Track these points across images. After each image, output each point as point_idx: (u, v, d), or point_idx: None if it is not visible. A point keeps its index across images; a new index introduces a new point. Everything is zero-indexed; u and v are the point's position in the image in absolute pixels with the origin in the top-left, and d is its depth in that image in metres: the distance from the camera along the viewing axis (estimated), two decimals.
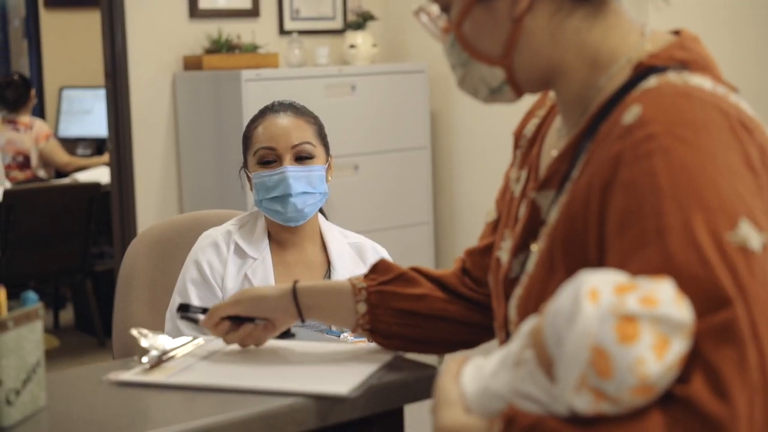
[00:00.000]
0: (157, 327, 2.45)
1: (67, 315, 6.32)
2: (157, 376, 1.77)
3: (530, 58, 1.38)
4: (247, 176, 2.51)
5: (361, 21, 5.01)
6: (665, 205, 1.17)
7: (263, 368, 1.81)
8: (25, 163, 6.36)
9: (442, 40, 1.45)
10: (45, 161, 6.42)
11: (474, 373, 1.31)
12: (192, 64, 4.73)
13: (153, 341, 1.86)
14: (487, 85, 1.42)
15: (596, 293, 1.12)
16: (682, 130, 1.21)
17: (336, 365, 1.82)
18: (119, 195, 4.74)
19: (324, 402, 1.67)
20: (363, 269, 2.45)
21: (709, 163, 1.19)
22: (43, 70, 7.25)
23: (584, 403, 1.11)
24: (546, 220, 1.39)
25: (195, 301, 2.38)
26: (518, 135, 1.60)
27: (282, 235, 2.49)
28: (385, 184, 4.83)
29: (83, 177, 6.11)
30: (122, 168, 4.72)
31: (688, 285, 1.13)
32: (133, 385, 1.76)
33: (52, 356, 5.39)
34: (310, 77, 4.64)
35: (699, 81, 1.28)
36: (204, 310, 1.95)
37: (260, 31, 4.93)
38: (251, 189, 2.50)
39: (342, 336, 2.36)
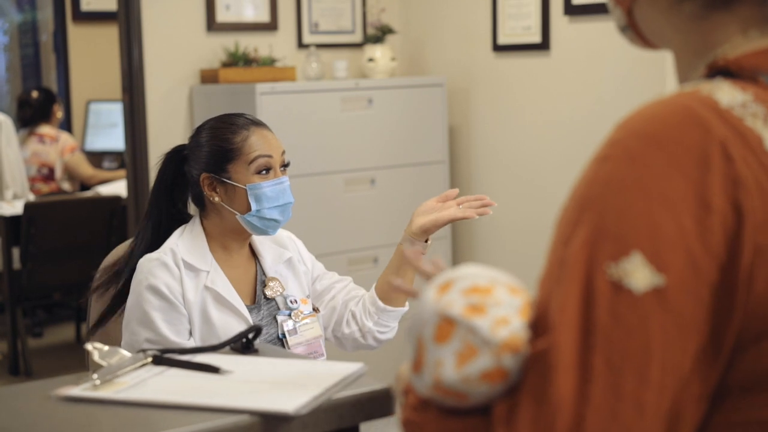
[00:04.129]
0: None
1: None
2: (105, 392, 1.73)
3: (646, 22, 1.30)
4: (214, 183, 2.46)
5: (381, 35, 4.98)
6: (571, 216, 1.11)
7: (215, 384, 1.77)
8: (49, 176, 6.39)
9: None
10: (70, 174, 6.45)
11: None
12: (209, 77, 4.72)
13: (106, 356, 1.82)
14: (616, 20, 1.36)
15: (447, 287, 1.12)
16: (635, 142, 1.10)
17: (290, 382, 1.78)
18: (135, 208, 4.73)
19: (271, 420, 1.63)
20: (288, 254, 2.57)
21: (639, 184, 1.07)
22: (70, 83, 7.29)
23: (420, 385, 1.13)
24: None
25: (162, 325, 2.31)
26: None
27: (230, 242, 2.49)
28: (402, 199, 4.79)
29: (104, 190, 6.12)
30: (139, 181, 4.71)
31: (539, 301, 1.09)
32: (81, 400, 1.72)
33: (71, 369, 5.40)
34: (325, 90, 4.60)
35: (723, 94, 1.14)
36: (184, 351, 1.97)
37: (279, 45, 4.91)
38: (220, 200, 2.44)
39: (295, 310, 2.44)
